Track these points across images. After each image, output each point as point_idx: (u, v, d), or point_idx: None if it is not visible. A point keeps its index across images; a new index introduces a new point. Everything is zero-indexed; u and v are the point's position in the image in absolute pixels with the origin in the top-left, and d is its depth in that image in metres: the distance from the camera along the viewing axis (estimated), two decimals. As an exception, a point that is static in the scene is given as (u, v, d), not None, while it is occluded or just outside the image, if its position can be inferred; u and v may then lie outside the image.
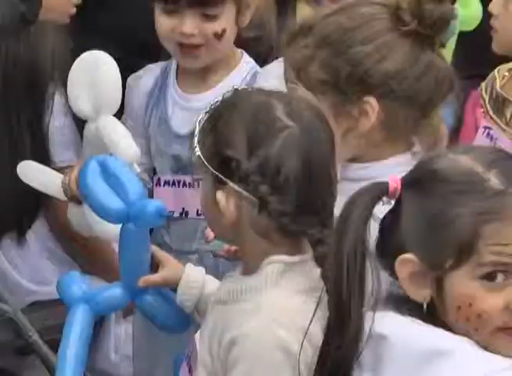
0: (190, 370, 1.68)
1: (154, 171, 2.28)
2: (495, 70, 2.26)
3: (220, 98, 1.55)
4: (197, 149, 1.50)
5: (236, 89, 1.58)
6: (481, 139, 2.21)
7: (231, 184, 1.46)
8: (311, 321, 1.36)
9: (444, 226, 1.24)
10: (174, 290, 1.74)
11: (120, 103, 2.04)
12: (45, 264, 2.44)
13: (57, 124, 2.33)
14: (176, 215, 2.15)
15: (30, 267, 2.42)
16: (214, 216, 1.57)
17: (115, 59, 2.41)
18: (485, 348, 1.20)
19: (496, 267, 1.19)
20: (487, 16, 2.29)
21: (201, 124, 1.52)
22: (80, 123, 2.23)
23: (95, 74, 1.83)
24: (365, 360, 1.27)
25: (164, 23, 2.15)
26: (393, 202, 1.28)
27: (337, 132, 1.61)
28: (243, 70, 2.22)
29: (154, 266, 1.79)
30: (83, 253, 2.51)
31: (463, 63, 2.41)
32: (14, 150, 2.25)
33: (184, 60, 2.18)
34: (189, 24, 2.11)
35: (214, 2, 2.11)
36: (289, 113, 1.49)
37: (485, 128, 2.22)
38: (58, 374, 1.75)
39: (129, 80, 2.27)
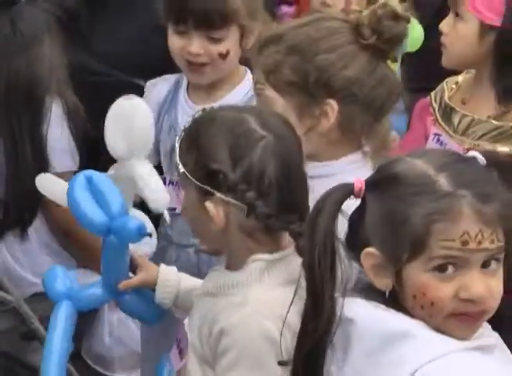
0: (181, 353, 1.80)
1: (161, 171, 2.33)
2: (444, 82, 2.37)
3: (193, 118, 1.69)
4: (180, 166, 1.60)
5: (205, 109, 1.72)
6: (432, 145, 2.30)
7: (219, 194, 1.56)
8: (289, 309, 1.45)
9: (400, 224, 1.32)
10: (153, 289, 1.86)
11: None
12: (44, 258, 2.53)
13: (55, 133, 2.43)
14: (178, 211, 2.15)
15: (31, 261, 2.52)
16: (202, 224, 1.66)
17: (107, 76, 2.64)
18: (440, 332, 1.31)
19: (446, 260, 1.28)
20: (437, 34, 2.38)
21: (181, 142, 1.64)
22: (76, 132, 2.41)
23: (131, 120, 1.89)
24: (337, 341, 1.38)
25: (175, 42, 2.27)
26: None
27: (300, 131, 1.75)
28: (246, 86, 2.33)
29: (133, 268, 1.89)
30: (76, 247, 2.60)
31: (414, 77, 2.56)
32: (16, 154, 2.35)
33: (191, 76, 2.33)
34: (196, 45, 2.24)
35: (219, 27, 2.23)
36: (262, 123, 1.60)
37: (435, 134, 2.32)
38: (43, 366, 1.83)
39: (148, 84, 2.42)
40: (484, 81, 2.32)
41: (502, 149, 2.21)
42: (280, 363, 1.49)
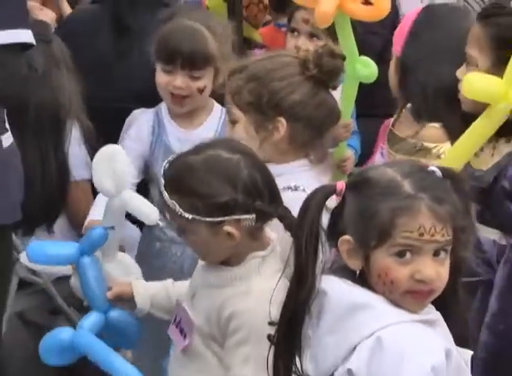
0: (182, 332, 1.96)
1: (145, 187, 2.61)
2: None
3: (163, 169, 1.86)
4: (183, 213, 1.78)
5: (172, 157, 1.89)
6: (378, 157, 2.59)
7: (235, 217, 1.79)
8: (276, 286, 1.64)
9: (371, 217, 1.49)
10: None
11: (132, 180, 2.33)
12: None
13: (75, 150, 2.70)
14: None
15: None
16: (216, 247, 1.86)
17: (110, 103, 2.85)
18: (396, 305, 1.49)
19: (405, 247, 1.46)
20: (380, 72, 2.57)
21: (168, 194, 1.82)
22: (91, 150, 2.61)
23: (113, 162, 2.04)
24: (313, 310, 1.55)
25: (162, 78, 2.51)
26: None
27: (257, 141, 2.06)
28: (217, 112, 2.63)
29: (109, 288, 2.05)
30: None
31: (382, 105, 2.98)
32: (43, 167, 2.59)
33: (173, 106, 2.56)
34: (180, 80, 2.47)
35: (199, 67, 2.48)
36: (231, 150, 1.84)
37: (381, 148, 2.58)
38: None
39: (134, 113, 2.65)
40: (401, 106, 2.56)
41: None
42: (270, 323, 1.67)
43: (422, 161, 2.18)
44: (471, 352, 1.58)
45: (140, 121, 2.62)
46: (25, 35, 2.21)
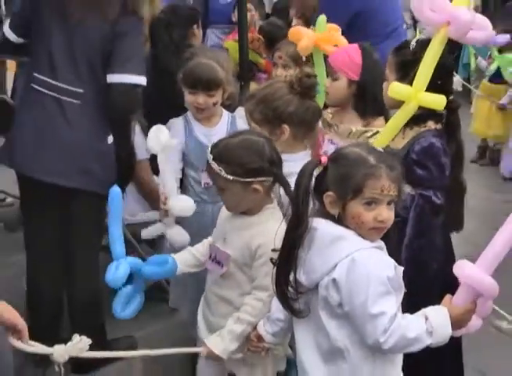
0: (219, 263, 2.19)
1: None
2: (324, 114, 2.79)
3: (210, 149, 2.10)
4: (227, 176, 2.04)
5: (216, 141, 2.14)
6: (327, 145, 2.81)
7: (260, 178, 2.04)
8: (280, 225, 1.88)
9: (347, 180, 1.70)
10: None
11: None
12: (133, 204, 3.37)
13: (137, 140, 3.07)
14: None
15: (127, 206, 3.09)
16: (245, 200, 2.09)
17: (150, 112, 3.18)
18: (362, 237, 1.72)
19: (372, 199, 1.69)
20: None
21: (216, 164, 2.06)
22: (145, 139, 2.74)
23: (159, 132, 2.42)
24: (305, 240, 1.75)
25: (189, 97, 2.89)
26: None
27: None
28: (225, 116, 2.99)
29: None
30: (144, 191, 3.33)
31: None
32: (120, 152, 2.83)
33: (197, 114, 2.92)
34: (201, 99, 2.86)
35: (213, 89, 2.84)
36: (258, 135, 2.16)
37: (329, 139, 2.84)
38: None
39: (171, 121, 2.94)
40: (349, 109, 2.86)
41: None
42: (273, 250, 1.91)
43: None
44: (402, 268, 1.77)
45: (176, 125, 2.93)
46: (144, 79, 2.66)
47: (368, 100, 2.77)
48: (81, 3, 2.56)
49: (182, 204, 2.51)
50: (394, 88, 2.33)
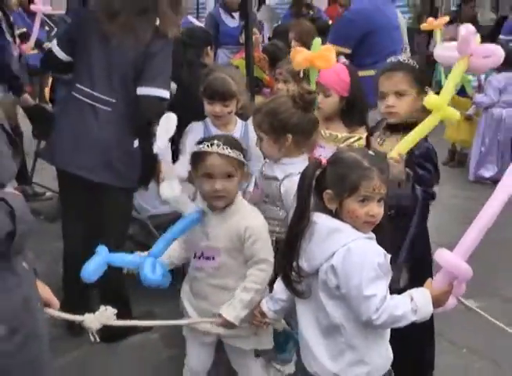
0: (209, 258, 2.11)
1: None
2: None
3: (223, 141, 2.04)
4: (242, 159, 2.08)
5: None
6: (318, 149, 2.68)
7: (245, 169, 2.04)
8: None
9: (344, 180, 1.70)
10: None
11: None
12: (155, 199, 3.24)
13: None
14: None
15: (149, 199, 3.33)
16: (237, 188, 2.09)
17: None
18: (356, 229, 1.72)
19: (365, 197, 1.69)
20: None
21: (232, 151, 2.04)
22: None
23: (168, 119, 2.08)
24: (306, 233, 1.75)
25: (208, 107, 2.90)
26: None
27: (275, 149, 2.36)
28: (239, 124, 2.99)
29: None
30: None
31: None
32: (144, 154, 2.83)
33: (214, 121, 2.94)
34: (218, 109, 2.88)
35: (228, 100, 2.85)
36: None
37: (319, 145, 2.70)
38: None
39: (191, 125, 2.96)
40: (336, 119, 2.84)
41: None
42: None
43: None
44: (390, 255, 1.76)
45: (196, 128, 2.98)
46: (168, 93, 2.72)
47: (355, 113, 2.77)
48: (120, 29, 2.64)
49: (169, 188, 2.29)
50: (431, 99, 2.27)
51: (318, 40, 3.13)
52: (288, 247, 1.76)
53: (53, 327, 2.14)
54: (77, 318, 1.80)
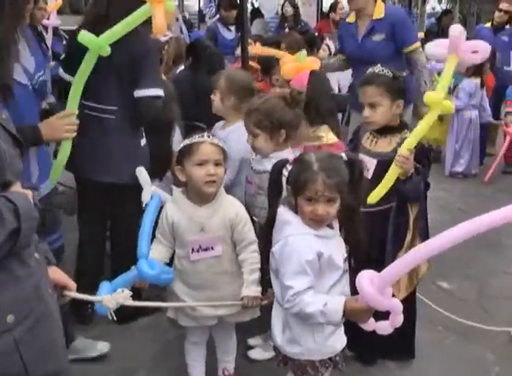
0: (208, 249, 2.12)
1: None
2: None
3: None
4: (220, 143, 2.11)
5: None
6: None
7: None
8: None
9: (297, 179, 1.71)
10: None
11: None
12: (167, 189, 2.85)
13: (176, 138, 3.07)
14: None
15: (164, 189, 2.79)
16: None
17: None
18: (306, 225, 1.72)
19: (311, 197, 1.68)
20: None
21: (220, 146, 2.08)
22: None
23: None
24: (276, 226, 1.80)
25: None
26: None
27: (270, 144, 2.35)
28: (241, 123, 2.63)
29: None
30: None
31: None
32: (160, 150, 2.88)
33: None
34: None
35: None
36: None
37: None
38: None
39: (216, 124, 2.87)
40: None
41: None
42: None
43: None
44: (343, 254, 1.77)
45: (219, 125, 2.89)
46: (161, 91, 2.68)
47: (316, 113, 2.69)
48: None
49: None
50: (431, 95, 2.26)
51: (304, 52, 3.25)
52: (265, 232, 1.81)
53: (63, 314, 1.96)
54: (95, 298, 1.76)
